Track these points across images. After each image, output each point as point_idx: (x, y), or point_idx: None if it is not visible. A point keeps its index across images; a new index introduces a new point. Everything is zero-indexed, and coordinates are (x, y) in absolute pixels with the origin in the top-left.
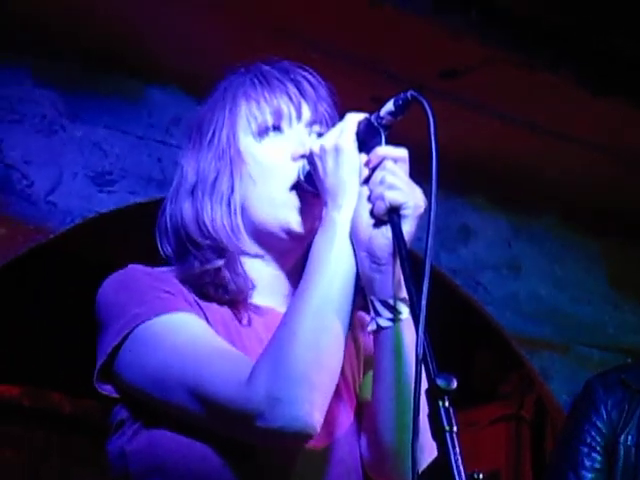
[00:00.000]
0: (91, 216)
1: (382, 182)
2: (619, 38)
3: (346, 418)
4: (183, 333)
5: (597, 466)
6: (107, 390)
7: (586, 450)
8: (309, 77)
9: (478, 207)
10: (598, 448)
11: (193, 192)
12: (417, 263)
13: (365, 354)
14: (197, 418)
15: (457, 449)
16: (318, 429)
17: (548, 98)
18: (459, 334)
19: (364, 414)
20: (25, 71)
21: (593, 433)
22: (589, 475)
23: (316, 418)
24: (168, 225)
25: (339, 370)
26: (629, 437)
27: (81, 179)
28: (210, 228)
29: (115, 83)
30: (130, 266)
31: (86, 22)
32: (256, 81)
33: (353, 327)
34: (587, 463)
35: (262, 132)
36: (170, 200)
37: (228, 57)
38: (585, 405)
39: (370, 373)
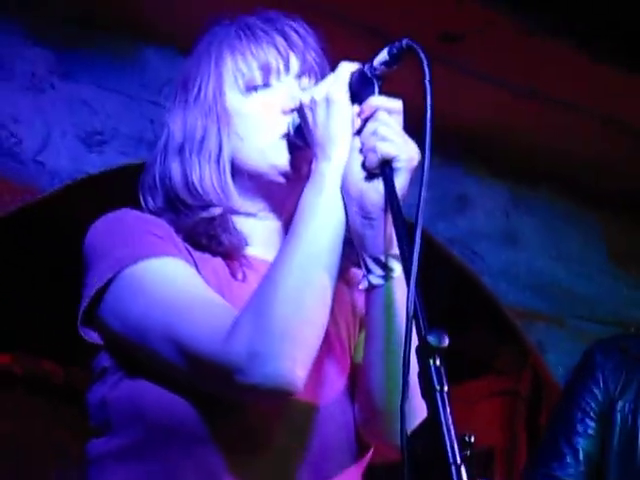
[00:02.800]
0: (80, 177)
1: (374, 133)
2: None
3: (339, 377)
4: (168, 279)
5: (590, 432)
6: (91, 336)
7: (580, 416)
8: (296, 26)
9: (476, 176)
10: (592, 414)
11: (181, 151)
12: (410, 230)
13: (361, 313)
14: (176, 370)
15: (448, 409)
16: (300, 386)
17: (548, 65)
18: (454, 304)
19: (357, 374)
20: (14, 28)
21: (588, 399)
22: (581, 441)
23: (297, 374)
24: (158, 184)
25: (324, 326)
26: (626, 404)
27: (70, 139)
28: (199, 188)
29: (108, 42)
30: (122, 209)
31: None
32: (241, 33)
33: (349, 284)
34: (580, 429)
35: (250, 88)
36: (159, 160)
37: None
38: (583, 371)
39: (364, 333)
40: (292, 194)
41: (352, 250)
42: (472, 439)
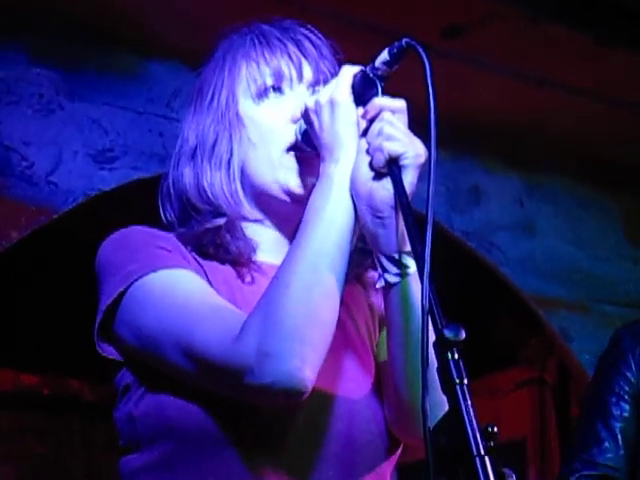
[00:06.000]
0: (93, 194)
1: (380, 133)
2: None
3: (365, 376)
4: (178, 289)
5: (626, 415)
6: (109, 352)
7: (614, 399)
8: (311, 36)
9: (488, 167)
10: (626, 397)
11: (193, 156)
12: (422, 223)
13: (379, 313)
14: (190, 376)
15: (468, 401)
16: (309, 385)
17: (553, 51)
18: (475, 298)
19: (383, 373)
20: (20, 51)
21: (622, 382)
22: (618, 424)
23: (307, 374)
24: (171, 190)
25: (333, 326)
26: None
27: (82, 158)
28: (209, 193)
29: (113, 59)
30: (130, 226)
31: None
32: (256, 41)
33: (365, 287)
34: (616, 412)
35: (261, 94)
36: (173, 165)
37: (228, 27)
38: (613, 354)
39: (385, 331)
40: (298, 208)
41: (366, 257)
42: (495, 429)
